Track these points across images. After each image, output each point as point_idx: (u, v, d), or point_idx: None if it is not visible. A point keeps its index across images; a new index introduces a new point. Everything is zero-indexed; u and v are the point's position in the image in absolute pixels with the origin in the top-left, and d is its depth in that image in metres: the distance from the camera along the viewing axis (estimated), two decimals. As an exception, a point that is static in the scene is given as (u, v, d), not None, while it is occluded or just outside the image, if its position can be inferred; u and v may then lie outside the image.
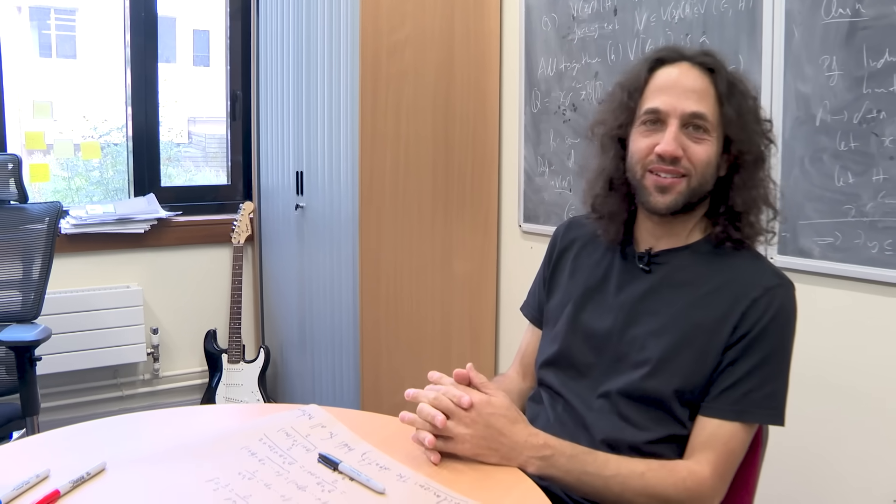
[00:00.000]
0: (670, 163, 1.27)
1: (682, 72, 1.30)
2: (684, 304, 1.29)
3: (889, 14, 1.71)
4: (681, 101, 1.27)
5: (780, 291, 1.26)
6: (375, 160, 2.72)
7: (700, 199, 1.31)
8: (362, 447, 1.23)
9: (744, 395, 1.23)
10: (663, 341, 1.28)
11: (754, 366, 1.23)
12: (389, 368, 2.82)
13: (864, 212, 1.79)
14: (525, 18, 2.83)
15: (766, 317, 1.23)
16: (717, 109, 1.27)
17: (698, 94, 1.27)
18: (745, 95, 1.30)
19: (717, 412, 1.24)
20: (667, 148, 1.26)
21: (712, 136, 1.27)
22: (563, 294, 1.46)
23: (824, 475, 1.94)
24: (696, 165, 1.27)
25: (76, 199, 3.62)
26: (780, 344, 1.25)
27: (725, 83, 1.28)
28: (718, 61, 1.30)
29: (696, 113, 1.26)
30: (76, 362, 3.24)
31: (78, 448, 1.25)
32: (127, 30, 3.53)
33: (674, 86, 1.29)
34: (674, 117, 1.28)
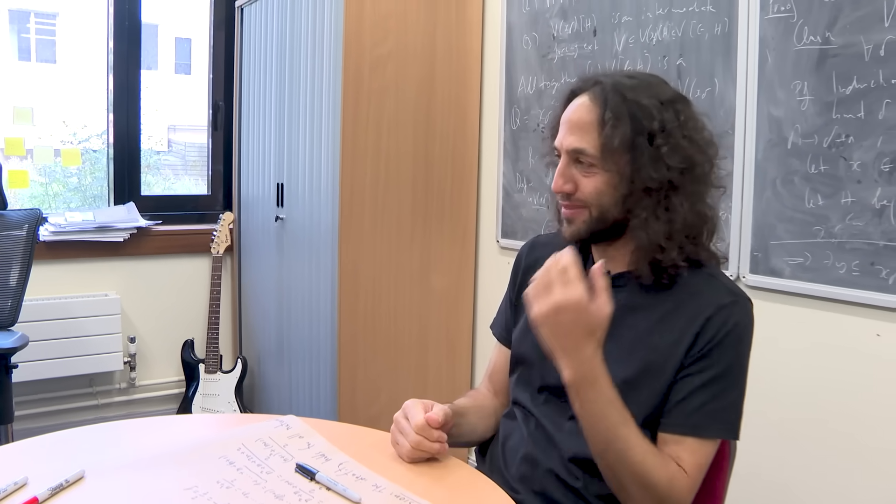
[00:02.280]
0: (565, 197, 1.32)
1: (574, 106, 1.31)
2: (643, 329, 1.30)
3: (856, 43, 1.76)
4: (566, 137, 1.30)
5: (734, 308, 1.26)
6: (356, 173, 2.74)
7: (620, 226, 1.31)
8: (339, 457, 1.25)
9: (696, 410, 1.24)
10: (624, 367, 1.28)
11: (707, 381, 1.24)
12: (366, 380, 2.84)
13: (832, 233, 1.84)
14: (506, 37, 2.87)
15: (720, 333, 1.24)
16: (600, 142, 1.26)
17: (581, 129, 1.28)
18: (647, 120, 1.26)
19: (672, 427, 1.25)
20: (554, 186, 1.32)
21: (600, 168, 1.27)
22: (527, 315, 1.47)
23: (791, 490, 1.97)
24: (588, 197, 1.29)
25: (53, 205, 3.61)
26: (734, 359, 1.26)
27: (612, 113, 1.25)
28: (610, 90, 1.27)
29: (576, 149, 1.28)
30: (52, 370, 3.23)
31: (56, 456, 1.25)
32: (110, 36, 3.53)
33: (566, 122, 1.31)
34: (563, 153, 1.31)
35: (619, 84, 1.28)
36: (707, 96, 2.12)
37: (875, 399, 1.79)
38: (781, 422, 1.98)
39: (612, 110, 1.25)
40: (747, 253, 2.03)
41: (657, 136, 1.26)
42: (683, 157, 1.27)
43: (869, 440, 1.81)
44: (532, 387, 1.42)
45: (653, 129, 1.26)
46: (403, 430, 1.26)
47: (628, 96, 1.27)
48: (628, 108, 1.26)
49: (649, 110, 1.26)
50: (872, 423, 1.80)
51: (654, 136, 1.26)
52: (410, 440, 1.25)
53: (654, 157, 1.25)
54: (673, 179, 1.26)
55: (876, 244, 1.75)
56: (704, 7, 2.12)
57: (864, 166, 1.76)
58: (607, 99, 1.26)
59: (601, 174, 1.28)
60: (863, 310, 1.81)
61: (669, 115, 1.27)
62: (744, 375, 1.28)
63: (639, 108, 1.26)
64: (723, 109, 2.08)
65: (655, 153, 1.25)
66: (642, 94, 1.27)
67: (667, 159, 1.25)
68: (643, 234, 1.27)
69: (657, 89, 1.30)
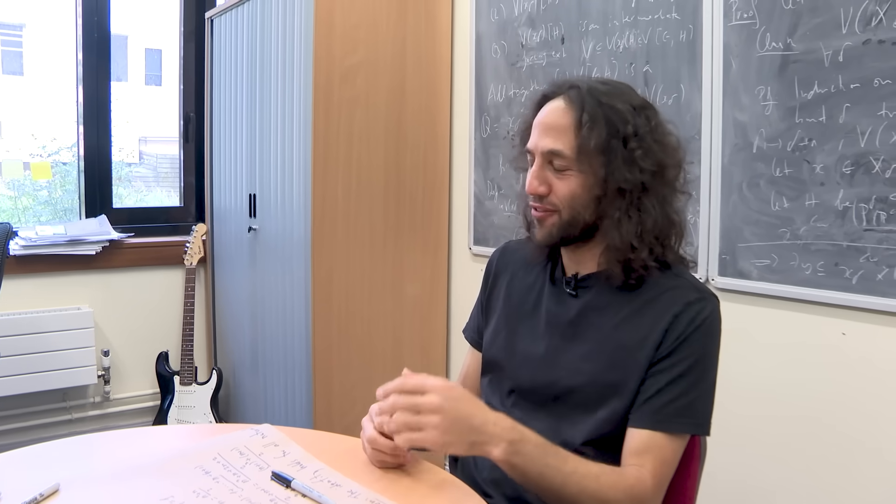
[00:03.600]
0: (537, 199, 1.33)
1: (548, 109, 1.33)
2: (610, 328, 1.32)
3: (816, 49, 1.80)
4: (541, 139, 1.32)
5: (701, 305, 1.28)
6: (328, 183, 2.75)
7: (590, 229, 1.33)
8: (314, 465, 1.26)
9: (665, 406, 1.26)
10: (592, 365, 1.31)
11: (675, 377, 1.26)
12: (341, 389, 2.84)
13: (797, 235, 1.88)
14: (475, 46, 2.89)
15: (688, 329, 1.26)
16: (576, 143, 1.28)
17: (557, 131, 1.30)
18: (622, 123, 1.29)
19: (642, 422, 1.27)
20: (528, 187, 1.33)
21: (575, 170, 1.29)
22: (498, 319, 1.50)
23: (759, 488, 2.00)
24: (562, 200, 1.31)
25: (23, 218, 3.59)
26: (701, 355, 1.28)
27: (589, 116, 1.28)
28: (586, 94, 1.30)
29: (552, 150, 1.30)
30: (25, 385, 3.21)
31: (30, 469, 1.25)
32: (79, 48, 3.52)
33: (539, 124, 1.33)
34: (536, 155, 1.33)
35: (593, 89, 1.31)
36: (674, 102, 2.15)
37: (841, 397, 1.83)
38: (750, 421, 2.02)
39: (589, 113, 1.28)
40: (715, 256, 2.06)
41: (630, 139, 1.29)
42: (655, 160, 1.30)
43: (835, 438, 1.84)
44: (502, 389, 1.44)
45: (627, 132, 1.29)
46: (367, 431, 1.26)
47: (603, 101, 1.29)
48: (603, 111, 1.28)
49: (623, 114, 1.29)
50: (839, 420, 1.83)
51: (628, 140, 1.29)
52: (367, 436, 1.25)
53: (627, 160, 1.28)
54: (645, 181, 1.29)
55: (839, 245, 1.79)
56: (669, 14, 2.16)
57: (826, 169, 1.80)
58: (584, 102, 1.29)
59: (575, 176, 1.30)
60: (828, 309, 1.84)
61: (641, 120, 1.31)
62: (713, 371, 1.30)
63: (613, 112, 1.29)
64: (689, 115, 2.11)
65: (629, 155, 1.28)
66: (616, 100, 1.30)
67: (640, 161, 1.28)
68: (616, 234, 1.30)
69: (629, 96, 1.33)
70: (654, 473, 1.25)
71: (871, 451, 1.78)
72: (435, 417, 1.15)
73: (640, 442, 1.27)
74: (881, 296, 1.73)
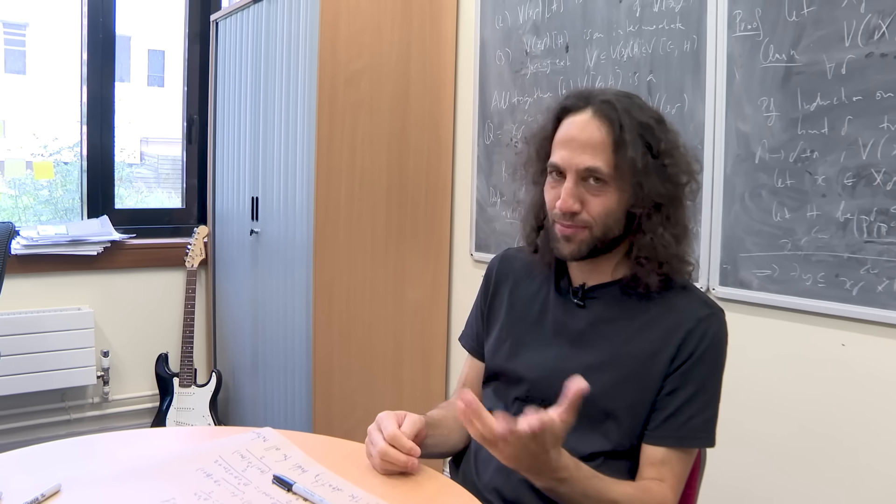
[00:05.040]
0: (570, 217, 1.31)
1: (581, 125, 1.31)
2: (620, 340, 1.33)
3: (819, 61, 1.81)
4: (576, 157, 1.29)
5: (712, 321, 1.31)
6: (330, 187, 2.76)
7: (614, 240, 1.34)
8: (316, 469, 1.26)
9: (685, 423, 1.29)
10: (603, 376, 1.32)
11: (692, 394, 1.29)
12: (342, 393, 2.84)
13: (799, 246, 1.88)
14: (480, 53, 2.90)
15: (701, 346, 1.29)
16: (614, 160, 1.27)
17: (594, 148, 1.28)
18: (653, 138, 1.30)
19: (663, 440, 1.30)
20: (562, 205, 1.31)
21: (612, 186, 1.29)
22: (501, 328, 1.50)
23: (759, 499, 2.01)
24: (596, 217, 1.30)
25: (24, 218, 3.59)
26: (714, 371, 1.31)
27: (625, 132, 1.27)
28: (621, 105, 1.30)
29: (590, 168, 1.28)
30: (24, 385, 3.20)
31: (31, 470, 1.25)
32: (84, 48, 3.53)
33: (571, 140, 1.31)
34: (570, 172, 1.30)
35: (623, 103, 1.31)
36: (677, 112, 2.16)
37: (841, 408, 1.83)
38: (749, 430, 2.02)
39: (626, 129, 1.28)
40: (717, 265, 2.06)
41: (663, 154, 1.30)
42: (685, 172, 1.33)
43: (835, 448, 1.84)
44: (508, 397, 1.45)
45: (659, 148, 1.30)
46: (375, 441, 1.27)
47: (635, 115, 1.30)
48: (636, 127, 1.29)
49: (653, 130, 1.30)
50: (838, 431, 1.84)
51: (660, 155, 1.30)
52: (378, 450, 1.25)
53: (661, 174, 1.30)
54: (678, 194, 1.32)
55: (840, 256, 1.80)
56: (674, 25, 2.17)
57: (828, 180, 1.81)
58: (619, 118, 1.28)
59: (610, 193, 1.29)
60: (828, 320, 1.85)
61: (667, 134, 1.33)
62: (720, 385, 1.33)
63: (644, 128, 1.30)
64: (692, 125, 2.12)
65: (663, 170, 1.30)
66: (643, 114, 1.31)
67: (673, 176, 1.31)
68: (658, 247, 1.31)
69: (648, 109, 1.34)
70: (673, 488, 1.29)
71: (871, 461, 1.78)
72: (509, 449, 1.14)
73: (659, 458, 1.30)
74: (881, 307, 1.73)
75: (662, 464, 1.29)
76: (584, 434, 1.34)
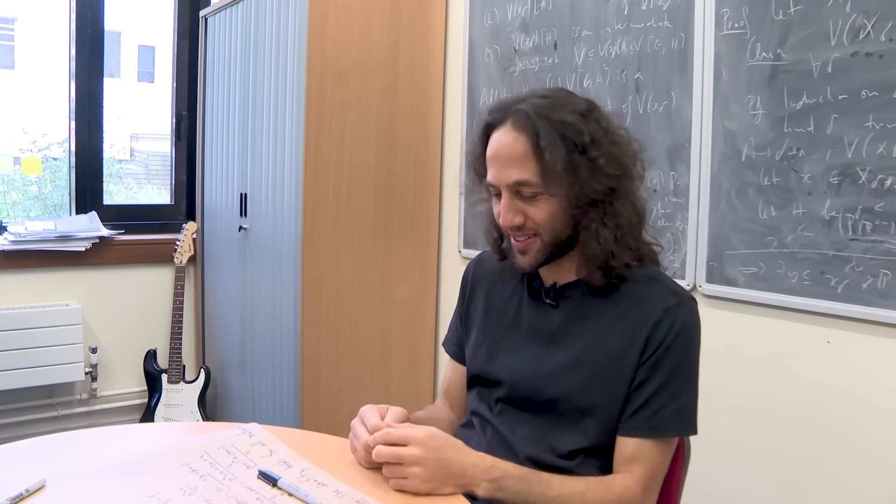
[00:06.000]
0: (517, 229, 1.33)
1: (501, 140, 1.30)
2: (592, 336, 1.34)
3: (805, 60, 1.82)
4: (503, 173, 1.30)
5: (680, 310, 1.31)
6: (319, 184, 2.76)
7: (569, 241, 1.34)
8: (301, 464, 1.26)
9: (655, 413, 1.29)
10: (577, 374, 1.33)
11: (662, 383, 1.29)
12: (329, 389, 2.84)
13: (784, 243, 1.89)
14: (468, 50, 2.90)
15: (669, 336, 1.29)
16: (539, 167, 1.27)
17: (517, 160, 1.28)
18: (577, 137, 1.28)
19: (633, 431, 1.30)
20: (503, 222, 1.33)
21: (545, 193, 1.29)
22: (478, 332, 1.51)
23: (743, 497, 2.02)
24: (541, 224, 1.31)
25: (12, 213, 3.57)
26: (684, 359, 1.31)
27: (543, 137, 1.26)
28: (534, 116, 1.28)
29: (518, 181, 1.29)
30: (11, 381, 3.19)
31: (16, 465, 1.25)
32: (72, 44, 3.51)
33: (496, 157, 1.31)
34: (503, 188, 1.31)
35: (537, 106, 1.29)
36: (664, 109, 2.16)
37: (825, 405, 1.84)
38: (734, 427, 2.03)
39: (543, 134, 1.26)
40: (703, 263, 2.07)
41: (590, 148, 1.28)
42: (617, 162, 1.31)
43: (819, 445, 1.86)
44: (490, 400, 1.46)
45: (584, 142, 1.28)
46: (359, 435, 1.28)
47: (552, 116, 1.28)
48: (556, 128, 1.27)
49: (575, 126, 1.28)
50: (822, 428, 1.85)
51: (587, 149, 1.28)
52: (362, 443, 1.26)
53: (592, 170, 1.28)
54: (613, 186, 1.30)
55: (825, 254, 1.81)
56: (661, 23, 2.18)
57: (814, 179, 1.82)
58: (534, 124, 1.27)
59: (547, 199, 1.30)
60: (814, 318, 1.86)
61: (593, 125, 1.30)
62: (695, 373, 1.33)
63: (566, 127, 1.27)
64: (679, 122, 2.12)
65: (593, 165, 1.28)
66: (563, 112, 1.29)
67: (605, 168, 1.29)
68: (595, 245, 1.31)
69: (572, 103, 1.32)
70: (643, 479, 1.28)
71: (855, 459, 1.79)
72: (417, 469, 1.18)
73: (631, 450, 1.30)
74: (866, 305, 1.74)
75: (634, 456, 1.29)
76: (563, 432, 1.35)
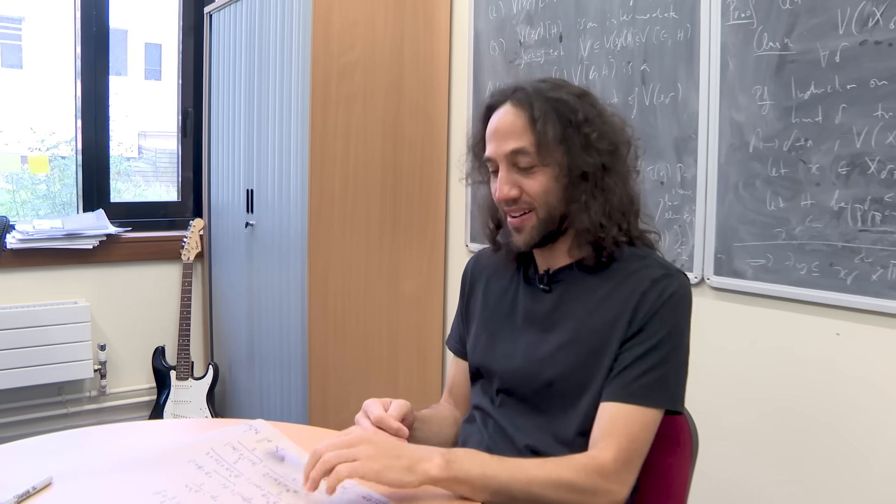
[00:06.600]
0: (512, 203, 1.35)
1: (500, 116, 1.36)
2: (583, 315, 1.34)
3: (813, 49, 1.80)
4: (502, 145, 1.34)
5: (668, 281, 1.30)
6: (325, 180, 2.75)
7: (563, 222, 1.36)
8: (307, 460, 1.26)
9: (635, 379, 1.26)
10: (571, 354, 1.33)
11: (645, 351, 1.27)
12: (337, 385, 2.84)
13: (793, 235, 1.88)
14: (473, 43, 2.89)
15: (655, 304, 1.28)
16: (535, 138, 1.31)
17: (515, 132, 1.33)
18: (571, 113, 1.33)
19: (610, 395, 1.27)
20: (500, 193, 1.35)
21: (541, 165, 1.32)
22: (477, 325, 1.52)
23: (754, 489, 2.01)
24: (535, 197, 1.33)
25: (21, 212, 3.58)
26: (671, 330, 1.29)
27: (539, 110, 1.31)
28: (532, 92, 1.34)
29: (514, 150, 1.32)
30: (21, 379, 3.20)
31: (23, 463, 1.25)
32: (78, 42, 3.51)
33: (495, 132, 1.35)
34: (501, 161, 1.34)
35: (536, 88, 1.35)
36: (671, 101, 2.15)
37: (834, 397, 1.83)
38: (743, 420, 2.02)
39: (539, 109, 1.32)
40: (711, 255, 2.06)
41: (583, 125, 1.33)
42: (609, 140, 1.35)
43: (829, 437, 1.85)
44: (491, 391, 1.47)
45: (578, 119, 1.33)
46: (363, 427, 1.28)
47: (549, 95, 1.33)
48: (552, 104, 1.33)
49: (570, 104, 1.33)
50: (832, 420, 1.84)
51: (581, 126, 1.33)
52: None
53: (584, 144, 1.32)
54: (604, 162, 1.34)
55: (834, 245, 1.79)
56: (667, 14, 2.16)
57: (822, 169, 1.80)
58: (531, 101, 1.33)
59: (542, 171, 1.33)
60: (823, 309, 1.85)
61: (587, 106, 1.36)
62: (683, 347, 1.31)
63: (561, 104, 1.33)
64: (686, 114, 2.11)
65: (585, 140, 1.33)
66: (559, 92, 1.35)
67: (596, 144, 1.33)
68: (585, 216, 1.33)
69: (569, 87, 1.38)
70: (617, 450, 1.23)
71: (864, 451, 1.78)
72: (365, 446, 1.12)
73: (607, 416, 1.26)
74: (875, 296, 1.73)
75: (610, 423, 1.25)
76: (562, 417, 1.34)
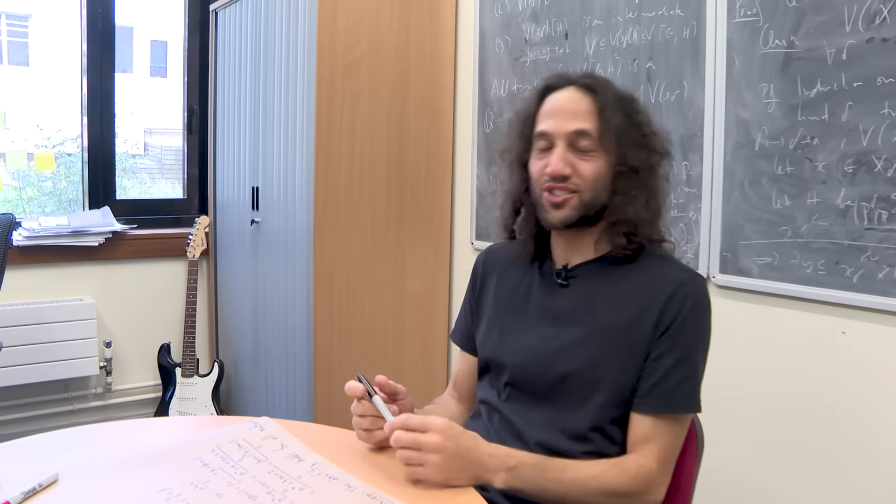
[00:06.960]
0: (561, 181, 1.35)
1: (566, 96, 1.39)
2: (602, 311, 1.36)
3: (819, 47, 1.79)
4: (565, 123, 1.36)
5: (692, 286, 1.33)
6: (330, 177, 2.75)
7: (599, 213, 1.38)
8: (312, 458, 1.26)
9: (673, 389, 1.30)
10: (587, 350, 1.34)
11: (678, 359, 1.31)
12: (342, 382, 2.79)
13: (799, 233, 1.87)
14: (479, 40, 2.89)
15: (683, 310, 1.31)
16: (599, 125, 1.34)
17: (581, 114, 1.35)
18: (630, 110, 1.39)
19: (651, 408, 1.31)
20: (555, 168, 1.35)
21: (599, 151, 1.35)
22: (489, 318, 1.52)
23: (760, 488, 2.01)
24: (585, 181, 1.35)
25: (28, 209, 3.59)
26: (698, 336, 1.34)
27: (607, 100, 1.36)
28: (600, 81, 1.39)
29: (578, 130, 1.34)
30: (27, 376, 3.21)
31: (29, 460, 1.25)
32: (83, 39, 3.52)
33: (559, 109, 1.38)
34: (559, 138, 1.36)
35: (601, 80, 1.40)
36: (676, 99, 2.15)
37: (841, 396, 1.83)
38: (749, 418, 2.02)
39: (608, 98, 1.37)
40: (717, 253, 2.06)
41: (643, 125, 1.39)
42: (661, 144, 1.40)
43: (835, 436, 1.84)
44: (499, 385, 1.46)
45: (638, 118, 1.39)
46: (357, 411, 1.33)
47: (613, 90, 1.39)
48: (617, 97, 1.38)
49: (631, 102, 1.40)
50: (838, 419, 1.83)
51: (641, 125, 1.39)
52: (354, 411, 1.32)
53: (640, 142, 1.37)
54: (653, 163, 1.38)
55: (840, 243, 1.79)
56: (673, 11, 2.16)
57: (828, 167, 1.80)
58: (600, 89, 1.37)
59: (598, 157, 1.35)
60: (829, 308, 1.84)
61: (642, 109, 1.42)
62: (706, 351, 1.36)
63: (624, 100, 1.39)
64: (692, 111, 2.11)
65: (642, 139, 1.38)
66: (620, 91, 1.41)
67: (649, 144, 1.38)
68: (630, 209, 1.36)
69: (623, 90, 1.43)
70: (659, 457, 1.30)
71: (870, 449, 1.78)
72: (435, 456, 1.18)
73: (647, 427, 1.31)
74: (882, 295, 1.72)
75: (651, 433, 1.31)
76: (573, 412, 1.35)
